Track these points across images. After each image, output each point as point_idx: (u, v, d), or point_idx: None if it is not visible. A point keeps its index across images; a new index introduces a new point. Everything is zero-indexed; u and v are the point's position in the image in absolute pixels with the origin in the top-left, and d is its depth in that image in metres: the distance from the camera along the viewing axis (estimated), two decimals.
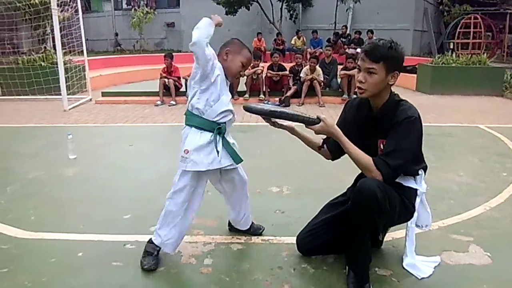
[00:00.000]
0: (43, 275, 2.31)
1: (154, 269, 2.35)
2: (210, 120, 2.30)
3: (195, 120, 2.32)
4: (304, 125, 2.20)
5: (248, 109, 2.26)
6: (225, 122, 2.35)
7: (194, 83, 2.30)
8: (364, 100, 2.25)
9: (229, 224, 2.81)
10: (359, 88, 2.12)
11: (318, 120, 2.14)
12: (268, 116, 2.24)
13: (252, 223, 2.77)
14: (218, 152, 2.30)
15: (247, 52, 2.42)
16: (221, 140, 2.34)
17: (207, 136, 2.30)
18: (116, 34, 24.79)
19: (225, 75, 2.38)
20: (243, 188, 2.60)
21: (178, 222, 2.37)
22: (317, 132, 2.17)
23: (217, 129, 2.31)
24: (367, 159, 2.09)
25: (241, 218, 2.68)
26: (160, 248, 2.40)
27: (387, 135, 2.11)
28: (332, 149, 2.38)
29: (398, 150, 2.05)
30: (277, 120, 2.27)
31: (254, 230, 2.76)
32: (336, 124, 2.23)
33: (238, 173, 2.54)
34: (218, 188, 2.61)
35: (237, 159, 2.40)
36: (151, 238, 2.43)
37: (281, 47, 16.02)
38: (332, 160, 2.45)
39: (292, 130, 2.33)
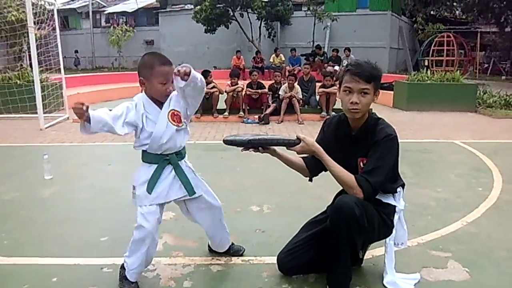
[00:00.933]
0: None
1: None
2: (155, 154, 2.26)
3: (144, 156, 2.31)
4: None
5: (228, 142, 2.24)
6: (173, 153, 2.28)
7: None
8: (343, 118, 2.28)
9: (209, 246, 2.76)
10: (354, 109, 2.13)
11: (298, 140, 2.16)
12: (248, 146, 2.22)
13: (232, 244, 2.72)
14: (151, 189, 2.25)
15: (159, 67, 2.17)
16: (172, 172, 2.29)
17: (152, 169, 2.27)
18: (76, 51, 24.04)
19: (154, 100, 2.25)
20: (214, 214, 2.51)
21: (143, 252, 2.28)
22: (299, 152, 2.19)
23: (163, 160, 2.26)
24: (349, 177, 2.12)
25: (217, 242, 2.65)
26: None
27: (367, 154, 2.14)
28: (310, 167, 2.39)
29: (379, 168, 2.08)
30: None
31: (234, 252, 2.71)
32: (316, 141, 2.25)
33: (205, 201, 2.44)
34: (188, 218, 2.54)
35: (190, 191, 2.32)
36: (122, 264, 2.36)
37: (260, 65, 16.18)
38: (310, 177, 2.45)
39: (273, 153, 2.32)
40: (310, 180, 2.46)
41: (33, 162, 5.18)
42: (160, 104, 2.26)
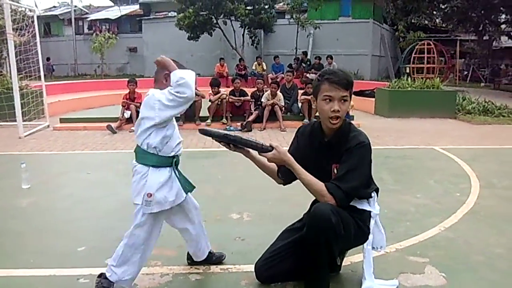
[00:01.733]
0: None
1: None
2: (166, 156, 2.27)
3: (152, 159, 2.25)
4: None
5: (204, 132, 2.28)
6: (178, 154, 2.35)
7: (155, 122, 2.20)
8: (316, 126, 2.31)
9: (189, 257, 2.70)
10: (335, 117, 2.15)
11: (271, 148, 2.18)
12: (222, 140, 2.26)
13: (212, 252, 2.70)
14: (181, 187, 2.31)
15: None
16: (176, 172, 2.33)
17: (165, 172, 2.27)
18: (48, 59, 22.51)
19: None
20: (198, 214, 2.54)
21: (137, 260, 2.28)
22: (269, 160, 2.22)
23: (172, 162, 2.29)
24: (319, 185, 2.13)
25: (199, 247, 2.60)
26: (114, 283, 2.28)
27: (340, 160, 2.16)
28: (283, 175, 2.41)
29: (351, 174, 2.11)
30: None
31: (216, 259, 2.69)
32: (289, 151, 2.29)
33: (191, 201, 2.50)
34: (171, 223, 2.52)
35: (189, 187, 2.39)
36: (104, 274, 2.30)
37: (243, 72, 16.23)
38: (284, 185, 2.47)
39: (247, 153, 2.34)
40: (284, 185, 2.47)
41: (11, 171, 5.10)
42: None
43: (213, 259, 2.68)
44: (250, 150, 2.31)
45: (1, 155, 6.11)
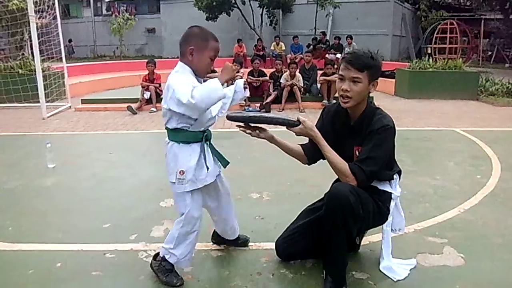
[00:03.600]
0: (21, 287, 2.30)
1: (183, 283, 2.28)
2: (197, 131, 2.19)
3: (181, 135, 2.17)
4: (285, 128, 2.24)
5: (230, 118, 2.25)
6: (208, 128, 2.28)
7: (172, 108, 2.08)
8: (341, 108, 2.30)
9: (215, 237, 2.71)
10: (345, 97, 2.16)
11: (298, 122, 2.20)
12: (249, 122, 2.25)
13: (239, 235, 2.70)
14: (207, 168, 2.21)
15: (213, 41, 2.17)
16: (209, 148, 2.27)
17: (196, 149, 2.19)
18: (70, 41, 23.12)
19: (196, 75, 2.19)
20: (229, 195, 2.52)
21: (192, 239, 2.30)
22: (297, 134, 2.23)
23: (204, 137, 2.21)
24: (343, 164, 2.16)
25: (229, 227, 2.59)
26: (174, 265, 2.31)
27: (362, 143, 2.18)
28: (308, 153, 2.41)
29: (373, 158, 2.12)
30: (258, 127, 2.27)
31: (242, 242, 2.70)
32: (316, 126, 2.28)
33: (222, 181, 2.47)
34: (207, 203, 2.46)
35: (224, 161, 2.34)
36: (163, 257, 2.30)
37: (261, 52, 16.11)
38: (309, 164, 2.48)
39: (271, 139, 2.33)
40: (308, 165, 2.49)
41: (35, 151, 5.24)
42: (198, 79, 2.21)
43: (239, 242, 2.70)
44: (274, 136, 2.32)
45: (25, 136, 6.27)
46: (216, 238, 2.72)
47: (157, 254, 2.37)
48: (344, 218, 2.06)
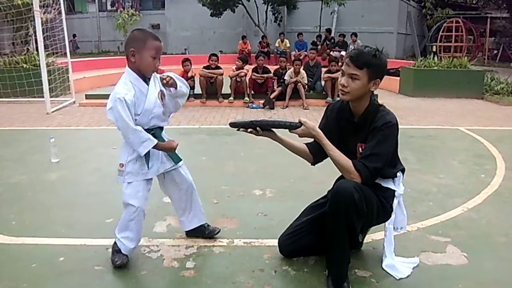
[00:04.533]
0: (24, 281, 2.31)
1: (126, 263, 2.41)
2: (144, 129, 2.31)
3: None
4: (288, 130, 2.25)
5: (233, 124, 2.32)
6: (158, 127, 2.39)
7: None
8: (345, 104, 2.30)
9: (186, 231, 2.79)
10: (342, 91, 2.19)
11: (300, 123, 2.20)
12: (251, 127, 2.28)
13: (206, 225, 2.76)
14: (148, 164, 2.38)
15: (152, 41, 2.28)
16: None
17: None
18: (74, 36, 23.46)
19: (141, 75, 2.33)
20: (187, 189, 2.60)
21: (133, 227, 2.43)
22: (300, 136, 2.23)
23: (152, 135, 2.33)
24: (347, 161, 2.15)
25: (186, 217, 2.69)
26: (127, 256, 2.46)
27: (366, 139, 2.17)
28: (314, 152, 2.42)
29: (376, 154, 2.11)
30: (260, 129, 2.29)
31: (209, 232, 2.75)
32: (318, 127, 2.29)
33: (179, 174, 2.55)
34: (163, 190, 2.65)
35: (176, 159, 2.47)
36: (118, 249, 2.46)
37: (266, 49, 16.09)
38: (314, 163, 2.49)
39: (274, 137, 2.35)
40: (313, 164, 2.49)
41: (39, 145, 5.25)
42: (145, 79, 2.34)
43: (206, 232, 2.75)
44: (278, 134, 2.33)
45: (30, 130, 6.29)
46: (186, 231, 2.79)
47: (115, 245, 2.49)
48: (348, 214, 2.05)
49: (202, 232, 2.74)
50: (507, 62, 20.25)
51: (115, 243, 2.48)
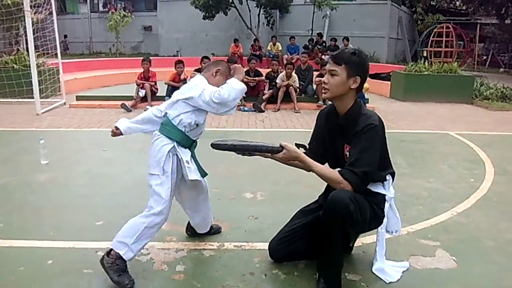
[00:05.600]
0: (11, 284, 2.28)
1: (133, 286, 2.24)
2: (190, 138, 2.40)
3: (178, 135, 2.34)
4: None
5: (214, 146, 2.31)
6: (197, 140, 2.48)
7: (191, 102, 2.32)
8: (332, 108, 2.34)
9: (189, 229, 2.82)
10: (323, 88, 2.24)
11: (281, 148, 2.21)
12: (233, 150, 2.30)
13: (211, 225, 2.83)
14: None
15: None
16: (192, 157, 2.44)
17: (188, 152, 2.40)
18: (65, 36, 23.26)
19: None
20: (207, 194, 2.67)
21: (152, 234, 2.35)
22: (282, 160, 2.26)
23: (192, 145, 2.43)
24: (334, 173, 2.17)
25: (202, 221, 2.73)
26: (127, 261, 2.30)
27: (351, 142, 2.19)
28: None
29: (362, 158, 2.12)
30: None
31: (215, 231, 2.84)
32: (312, 135, 2.36)
33: (203, 182, 2.59)
34: (178, 198, 2.62)
35: (203, 172, 2.50)
36: (118, 254, 2.26)
37: (258, 52, 16.10)
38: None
39: (264, 155, 2.37)
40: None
41: (29, 147, 5.20)
42: None
43: (212, 231, 2.82)
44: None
45: (19, 131, 6.23)
46: (190, 230, 2.82)
47: (111, 250, 2.29)
48: (343, 225, 2.06)
49: (208, 232, 2.81)
50: (496, 67, 20.50)
51: (121, 259, 2.25)
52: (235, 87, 2.31)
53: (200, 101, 2.29)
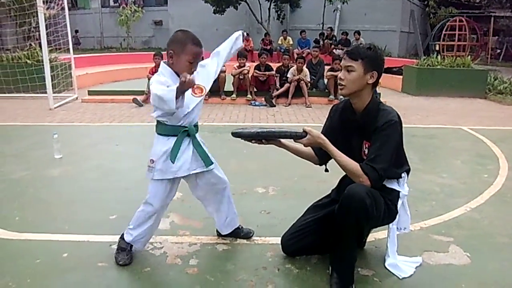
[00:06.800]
0: (27, 276, 2.31)
1: (128, 263, 2.42)
2: (175, 126, 2.30)
3: (161, 128, 2.33)
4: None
5: (236, 135, 2.30)
6: (192, 125, 2.34)
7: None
8: (348, 104, 2.31)
9: (217, 230, 2.78)
10: (340, 84, 2.23)
11: (305, 133, 2.20)
12: (256, 138, 2.28)
13: (241, 227, 2.76)
14: (173, 161, 2.30)
15: (191, 46, 2.23)
16: (191, 143, 2.35)
17: (170, 142, 2.30)
18: (76, 31, 23.07)
19: (176, 74, 2.26)
20: (224, 190, 2.58)
21: (150, 225, 2.45)
22: (306, 145, 2.24)
23: (183, 132, 2.30)
24: (355, 165, 2.15)
25: (223, 221, 2.65)
26: (132, 245, 2.48)
27: (370, 137, 2.17)
28: (319, 154, 2.42)
29: (382, 155, 2.11)
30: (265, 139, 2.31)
31: (244, 234, 2.74)
32: (323, 129, 2.33)
33: (214, 175, 2.51)
34: (196, 194, 2.59)
35: (207, 162, 2.40)
36: (123, 234, 2.51)
37: (268, 47, 16.04)
38: (320, 164, 2.49)
39: (279, 144, 2.36)
40: (320, 165, 2.48)
41: (42, 141, 5.26)
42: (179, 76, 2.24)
43: (241, 234, 2.74)
44: (282, 140, 2.34)
45: (32, 126, 6.30)
46: (218, 232, 2.78)
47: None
48: (358, 219, 2.05)
49: (237, 234, 2.73)
50: (510, 61, 20.20)
51: (122, 239, 2.49)
52: (161, 103, 2.09)
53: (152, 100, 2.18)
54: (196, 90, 2.34)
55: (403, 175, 2.31)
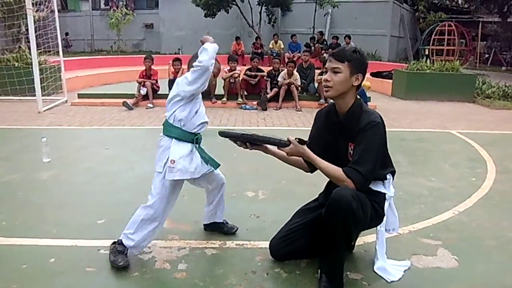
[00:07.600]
0: (13, 282, 2.28)
1: (128, 266, 2.40)
2: (188, 132, 2.44)
3: (175, 132, 2.43)
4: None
5: (222, 134, 2.37)
6: (200, 133, 2.50)
7: (181, 97, 2.40)
8: (331, 107, 2.35)
9: (205, 225, 2.90)
10: (326, 86, 2.24)
11: (288, 142, 2.23)
12: (240, 140, 2.34)
13: (225, 222, 2.87)
14: (203, 160, 2.49)
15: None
16: (194, 149, 2.48)
17: (187, 146, 2.43)
18: (66, 34, 22.98)
19: None
20: (221, 187, 2.77)
21: (152, 229, 2.47)
22: (288, 154, 2.27)
23: (194, 139, 2.45)
24: (338, 171, 2.17)
25: (210, 210, 2.81)
26: (128, 249, 2.46)
27: (355, 139, 2.19)
28: (308, 162, 2.43)
29: (365, 157, 2.13)
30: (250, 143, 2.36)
31: (228, 229, 2.85)
32: (309, 135, 2.36)
33: (216, 174, 2.69)
34: (195, 185, 2.73)
35: (214, 164, 2.56)
36: (120, 240, 2.46)
37: (259, 50, 16.09)
38: (311, 172, 2.50)
39: (266, 150, 2.41)
40: (311, 172, 2.50)
41: (31, 145, 5.21)
42: None
43: (225, 229, 2.84)
44: (270, 148, 2.38)
45: (21, 129, 6.23)
46: (205, 224, 2.89)
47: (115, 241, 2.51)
48: (346, 223, 2.06)
49: (221, 228, 2.85)
50: (498, 66, 20.47)
51: (120, 244, 2.46)
52: (206, 47, 2.33)
53: (182, 87, 2.38)
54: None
55: (388, 176, 2.33)
